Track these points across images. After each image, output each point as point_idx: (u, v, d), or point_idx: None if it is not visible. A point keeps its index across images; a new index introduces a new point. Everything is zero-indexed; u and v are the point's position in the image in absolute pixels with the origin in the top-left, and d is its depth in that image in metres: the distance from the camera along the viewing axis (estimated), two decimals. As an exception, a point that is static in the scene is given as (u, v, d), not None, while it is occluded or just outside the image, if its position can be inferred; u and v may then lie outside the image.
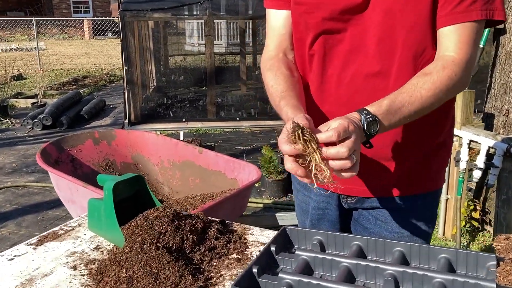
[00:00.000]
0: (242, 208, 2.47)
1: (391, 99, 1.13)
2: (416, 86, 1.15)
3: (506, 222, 2.80)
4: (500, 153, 2.71)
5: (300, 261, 1.26)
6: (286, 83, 1.29)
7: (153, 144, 2.98)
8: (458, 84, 1.19)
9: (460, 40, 1.17)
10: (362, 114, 1.10)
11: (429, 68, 1.18)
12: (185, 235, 1.37)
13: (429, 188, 1.39)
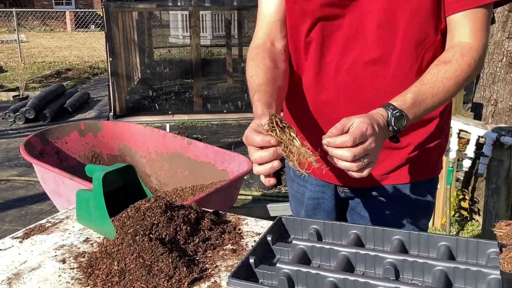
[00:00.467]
0: (233, 200, 2.44)
1: (415, 92, 1.10)
2: (437, 76, 1.12)
3: (495, 211, 2.81)
4: (490, 142, 2.71)
5: (298, 250, 1.23)
6: (266, 76, 1.25)
7: (140, 135, 2.92)
8: (476, 71, 1.17)
9: (475, 26, 1.15)
10: (388, 110, 1.07)
11: (448, 56, 1.15)
12: (178, 226, 1.33)
13: (428, 176, 1.37)
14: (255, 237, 1.39)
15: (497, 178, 2.76)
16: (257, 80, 1.26)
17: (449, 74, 1.12)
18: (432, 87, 1.11)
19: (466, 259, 1.19)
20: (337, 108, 1.29)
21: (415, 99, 1.10)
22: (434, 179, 1.39)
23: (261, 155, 1.01)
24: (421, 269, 1.12)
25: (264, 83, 1.24)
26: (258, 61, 1.30)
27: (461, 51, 1.14)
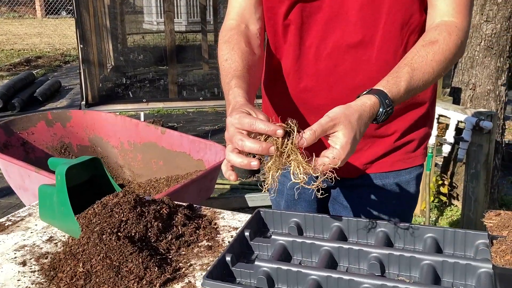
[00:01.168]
0: (209, 191, 2.35)
1: (408, 81, 1.03)
2: (426, 59, 1.05)
3: (474, 196, 2.80)
4: (470, 127, 2.68)
5: (277, 246, 1.16)
6: (243, 61, 1.17)
7: (111, 125, 2.80)
8: (461, 52, 1.11)
9: (458, 3, 1.08)
10: (383, 105, 0.99)
11: (434, 36, 1.07)
12: (149, 222, 1.24)
13: (412, 163, 1.31)
14: (232, 232, 1.31)
15: (476, 163, 2.74)
16: (234, 65, 1.17)
17: (438, 56, 1.05)
18: (423, 73, 1.04)
19: (453, 251, 1.13)
20: (318, 96, 1.21)
21: (407, 88, 1.03)
22: (418, 167, 1.32)
23: (251, 146, 0.90)
24: (407, 263, 1.06)
25: (242, 69, 1.16)
26: (233, 44, 1.21)
27: (447, 30, 1.07)
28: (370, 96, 0.99)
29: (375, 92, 0.99)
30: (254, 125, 0.91)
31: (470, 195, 2.82)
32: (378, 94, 0.99)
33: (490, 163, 2.73)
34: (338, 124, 0.92)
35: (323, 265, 1.07)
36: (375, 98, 0.98)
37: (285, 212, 1.28)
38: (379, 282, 0.96)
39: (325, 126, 0.92)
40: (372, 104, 0.97)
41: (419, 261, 1.05)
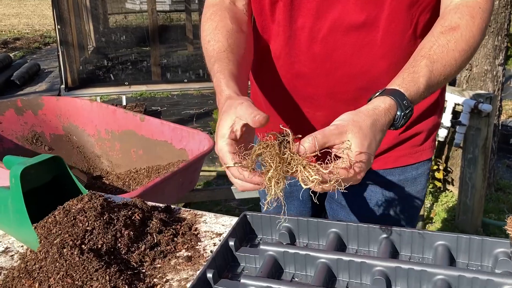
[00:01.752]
0: (193, 183, 2.19)
1: (428, 76, 0.87)
2: (447, 49, 0.88)
3: (471, 182, 2.68)
4: (467, 110, 2.55)
5: (266, 258, 1.01)
6: (228, 40, 1.00)
7: (87, 112, 2.61)
8: (484, 37, 0.94)
9: None
10: (400, 107, 0.83)
11: (454, 20, 0.91)
12: (118, 231, 1.08)
13: (419, 158, 1.16)
14: (215, 238, 1.15)
15: (474, 147, 2.61)
16: (217, 46, 1.00)
17: (460, 45, 0.89)
18: (444, 65, 0.88)
19: (468, 261, 0.99)
20: (313, 84, 1.05)
21: (427, 85, 0.87)
22: (426, 161, 1.18)
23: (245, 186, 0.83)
24: (418, 278, 0.91)
25: (225, 50, 0.99)
26: (216, 22, 1.04)
27: (470, 12, 0.90)
28: (384, 98, 0.83)
29: (389, 92, 0.84)
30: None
31: (467, 181, 2.70)
32: (394, 95, 0.83)
33: (488, 147, 2.60)
34: (345, 133, 0.77)
35: (320, 282, 0.92)
36: (391, 99, 0.83)
37: (275, 216, 1.12)
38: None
39: (328, 134, 0.77)
40: (388, 108, 0.82)
41: (431, 276, 0.90)
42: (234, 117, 0.83)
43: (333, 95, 1.07)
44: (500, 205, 3.04)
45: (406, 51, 1.01)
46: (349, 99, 1.07)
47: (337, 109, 1.10)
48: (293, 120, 1.16)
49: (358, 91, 1.06)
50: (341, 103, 1.08)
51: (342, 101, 1.07)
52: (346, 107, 1.09)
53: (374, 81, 1.03)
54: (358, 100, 1.07)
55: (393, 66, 1.02)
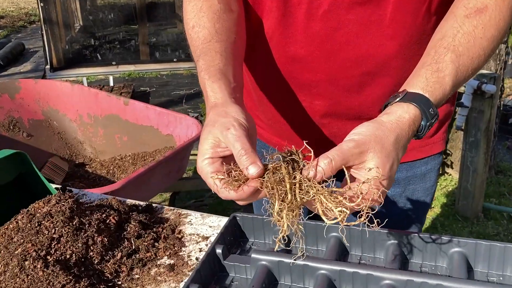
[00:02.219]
0: (181, 171, 2.06)
1: (454, 75, 0.75)
2: (474, 37, 0.75)
3: (473, 166, 2.57)
4: (470, 91, 2.42)
5: (259, 268, 0.88)
6: (215, 25, 0.86)
7: (68, 95, 2.45)
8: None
9: None
10: (426, 117, 0.72)
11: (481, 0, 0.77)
12: (90, 238, 0.95)
13: (430, 151, 1.04)
14: (201, 243, 1.03)
15: (476, 130, 2.49)
16: (202, 33, 0.86)
17: (489, 31, 0.76)
18: (471, 58, 0.76)
19: (488, 270, 0.87)
20: (311, 69, 0.91)
21: (453, 85, 0.76)
22: (437, 155, 1.05)
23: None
24: (433, 293, 0.80)
25: (212, 38, 0.85)
26: (200, 2, 0.89)
27: None
28: (408, 105, 0.71)
29: (412, 98, 0.72)
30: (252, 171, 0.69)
31: (468, 165, 2.59)
32: (418, 102, 0.71)
33: (491, 130, 2.48)
34: (367, 152, 0.66)
35: (321, 298, 0.80)
36: (415, 108, 0.71)
37: (268, 218, 0.99)
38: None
39: (348, 154, 0.65)
40: (412, 119, 0.71)
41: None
42: (218, 139, 0.71)
43: (334, 82, 0.93)
44: (500, 189, 2.95)
45: (418, 31, 0.87)
46: (352, 86, 0.93)
47: (338, 98, 0.97)
48: (287, 110, 1.02)
49: (362, 77, 0.92)
50: (343, 91, 0.94)
51: (344, 89, 0.94)
52: (349, 96, 0.96)
53: (381, 65, 0.90)
54: (362, 87, 0.94)
55: (404, 48, 0.88)
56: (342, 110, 0.97)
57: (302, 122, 1.01)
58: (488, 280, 0.85)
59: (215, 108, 0.76)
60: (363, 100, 0.97)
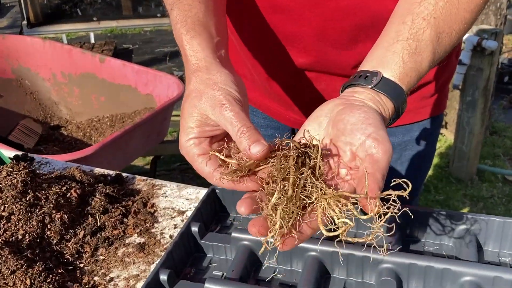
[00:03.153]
0: (161, 134, 1.93)
1: (431, 59, 0.64)
2: (458, 8, 0.64)
3: (469, 127, 2.46)
4: (469, 48, 2.28)
5: (241, 249, 0.77)
6: None
7: (39, 52, 2.27)
8: None
9: None
10: (398, 111, 0.63)
11: None
12: (47, 215, 0.83)
13: (430, 113, 0.92)
14: (177, 218, 0.91)
15: (474, 89, 2.37)
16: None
17: (473, 2, 0.65)
18: (450, 36, 0.65)
19: (499, 249, 0.77)
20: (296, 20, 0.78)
21: (427, 71, 0.65)
22: (436, 118, 0.93)
23: None
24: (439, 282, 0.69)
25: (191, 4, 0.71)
26: None
27: None
28: (387, 101, 0.61)
29: (389, 89, 0.61)
30: None
31: (464, 125, 2.48)
32: (395, 97, 0.62)
33: (489, 89, 2.37)
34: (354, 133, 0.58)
35: (310, 281, 0.69)
36: (392, 107, 0.62)
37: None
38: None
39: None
40: (387, 118, 0.62)
41: (456, 277, 0.68)
42: (205, 116, 0.60)
43: (323, 36, 0.80)
44: (495, 150, 2.86)
45: None
46: (343, 42, 0.80)
47: (327, 55, 0.84)
48: (273, 66, 0.89)
49: (355, 30, 0.79)
50: (332, 47, 0.81)
51: (334, 44, 0.80)
52: (338, 53, 0.83)
53: (378, 17, 0.76)
54: (354, 43, 0.81)
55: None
56: (330, 68, 0.84)
57: (290, 79, 0.88)
58: (500, 262, 0.74)
59: (198, 74, 0.62)
60: (354, 59, 0.83)
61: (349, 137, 0.55)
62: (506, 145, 2.91)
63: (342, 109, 0.57)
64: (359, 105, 0.58)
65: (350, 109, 0.57)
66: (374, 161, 0.52)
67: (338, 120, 0.57)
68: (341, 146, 0.56)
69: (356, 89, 0.61)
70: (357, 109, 0.56)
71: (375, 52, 0.64)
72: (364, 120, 0.55)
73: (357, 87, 0.61)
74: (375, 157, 0.52)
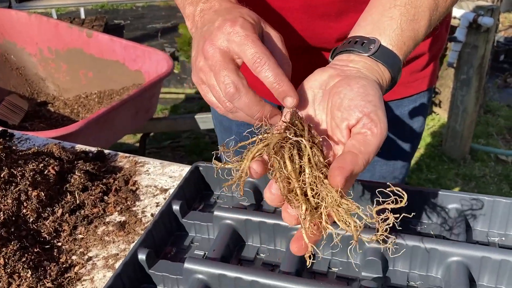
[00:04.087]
0: (150, 111, 1.89)
1: (427, 26, 0.61)
2: None
3: (463, 105, 2.44)
4: (465, 25, 2.24)
5: (223, 228, 0.75)
6: None
7: (25, 26, 2.21)
8: None
9: None
10: (393, 81, 0.60)
11: None
12: (23, 192, 0.80)
13: (420, 87, 0.89)
14: (159, 196, 0.89)
15: (468, 67, 2.34)
16: None
17: None
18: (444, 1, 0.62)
19: (488, 228, 0.75)
20: None
21: (423, 37, 0.62)
22: (427, 92, 0.90)
23: None
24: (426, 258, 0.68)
25: None
26: None
27: None
28: (385, 71, 0.58)
29: (387, 58, 0.58)
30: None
31: (458, 104, 2.46)
32: (393, 67, 0.59)
33: (484, 67, 2.33)
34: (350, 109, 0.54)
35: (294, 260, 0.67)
36: (389, 76, 0.59)
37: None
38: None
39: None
40: (384, 87, 0.59)
41: (443, 257, 0.66)
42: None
43: (309, 8, 0.76)
44: (488, 129, 2.84)
45: None
46: (331, 14, 0.77)
47: (314, 28, 0.80)
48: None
49: (343, 2, 0.75)
50: (320, 20, 0.78)
51: (322, 17, 0.77)
52: (326, 26, 0.79)
53: None
54: (342, 15, 0.77)
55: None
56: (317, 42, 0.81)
57: None
58: (488, 241, 0.73)
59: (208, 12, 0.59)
60: (340, 31, 0.80)
61: (346, 113, 0.51)
62: (499, 124, 2.89)
63: (339, 81, 0.54)
64: (357, 76, 0.54)
65: (348, 81, 0.53)
66: (364, 142, 0.49)
67: (334, 93, 0.53)
68: (338, 122, 0.53)
69: (351, 56, 0.57)
70: (355, 82, 0.53)
71: (370, 16, 0.61)
72: (363, 96, 0.51)
73: (352, 55, 0.58)
74: (366, 139, 0.49)
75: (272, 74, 0.53)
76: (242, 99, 0.53)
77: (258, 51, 0.53)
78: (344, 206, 0.47)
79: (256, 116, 0.54)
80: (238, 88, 0.53)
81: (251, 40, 0.53)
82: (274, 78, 0.53)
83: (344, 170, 0.46)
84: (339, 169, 0.46)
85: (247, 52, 0.53)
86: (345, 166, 0.46)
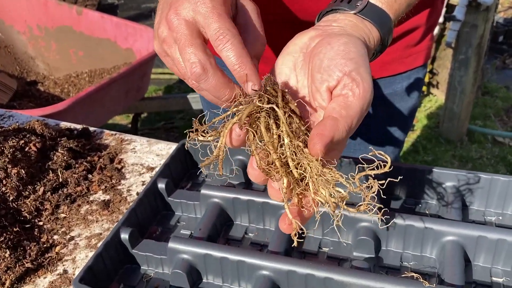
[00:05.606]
0: (141, 90, 1.85)
1: None
2: None
3: (461, 86, 2.40)
4: (464, 3, 2.19)
5: (210, 206, 0.72)
6: None
7: (12, 3, 2.15)
8: None
9: None
10: (384, 42, 0.56)
11: None
12: (2, 170, 0.77)
13: (414, 63, 0.86)
14: (145, 174, 0.86)
15: (467, 47, 2.30)
16: None
17: None
18: None
19: (485, 208, 0.72)
20: None
21: None
22: (421, 68, 0.87)
23: None
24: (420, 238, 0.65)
25: None
26: None
27: None
28: (372, 28, 0.54)
29: (376, 16, 0.54)
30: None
31: (456, 85, 2.42)
32: (383, 26, 0.55)
33: (483, 47, 2.29)
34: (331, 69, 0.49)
35: (283, 239, 0.65)
36: (378, 36, 0.55)
37: (224, 146, 0.81)
38: None
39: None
40: (372, 48, 0.54)
41: (438, 236, 0.63)
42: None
43: None
44: (486, 110, 2.81)
45: None
46: None
47: (304, 2, 0.76)
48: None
49: None
50: None
51: None
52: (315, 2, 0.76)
53: None
54: None
55: None
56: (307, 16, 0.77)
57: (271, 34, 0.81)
58: (485, 221, 0.70)
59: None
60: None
61: (326, 74, 0.47)
62: (497, 105, 2.86)
63: (319, 41, 0.49)
64: (338, 34, 0.50)
65: (328, 40, 0.49)
66: (345, 105, 0.45)
67: (315, 55, 0.49)
68: (317, 85, 0.49)
69: (336, 16, 0.53)
70: (336, 40, 0.48)
71: None
72: (344, 54, 0.47)
73: (338, 14, 0.54)
74: (348, 101, 0.45)
75: (234, 54, 0.47)
76: (209, 81, 0.48)
77: (222, 26, 0.48)
78: (327, 176, 0.43)
79: (224, 98, 0.50)
80: (205, 69, 0.48)
81: (217, 13, 0.48)
82: (236, 60, 0.48)
83: (324, 136, 0.43)
84: (318, 136, 0.43)
85: (211, 26, 0.48)
86: (325, 133, 0.43)
